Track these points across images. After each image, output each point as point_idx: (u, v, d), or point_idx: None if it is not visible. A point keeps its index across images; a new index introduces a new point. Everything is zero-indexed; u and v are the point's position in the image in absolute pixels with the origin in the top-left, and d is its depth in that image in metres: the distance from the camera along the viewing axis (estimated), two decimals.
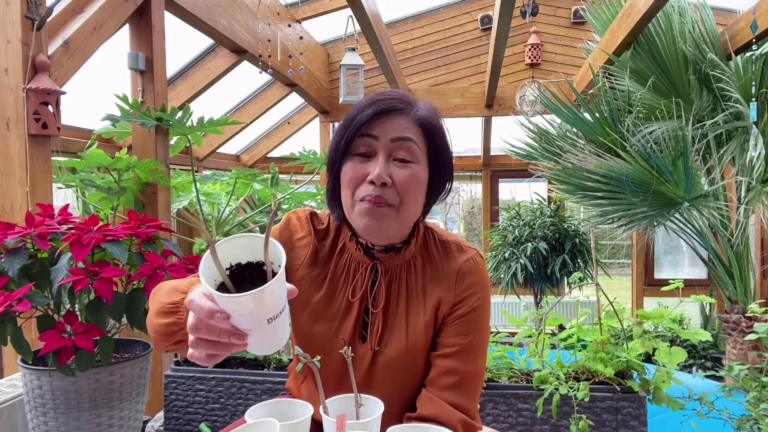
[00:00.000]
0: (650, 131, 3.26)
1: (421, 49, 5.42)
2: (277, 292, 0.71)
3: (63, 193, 2.84)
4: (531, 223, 4.57)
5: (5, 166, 1.84)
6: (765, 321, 2.48)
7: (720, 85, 3.25)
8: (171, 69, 3.62)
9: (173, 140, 2.66)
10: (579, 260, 4.44)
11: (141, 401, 1.67)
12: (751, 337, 2.08)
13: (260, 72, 3.25)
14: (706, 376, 3.57)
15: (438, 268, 1.06)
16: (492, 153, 6.23)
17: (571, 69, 5.12)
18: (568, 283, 4.39)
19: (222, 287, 0.74)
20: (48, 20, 1.91)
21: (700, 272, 5.50)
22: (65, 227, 1.52)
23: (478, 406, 1.53)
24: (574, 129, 3.74)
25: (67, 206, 1.64)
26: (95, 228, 1.49)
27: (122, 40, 2.55)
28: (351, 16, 3.60)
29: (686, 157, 3.05)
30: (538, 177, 3.92)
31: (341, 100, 3.97)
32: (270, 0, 3.62)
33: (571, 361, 2.10)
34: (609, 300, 2.15)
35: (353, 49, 3.91)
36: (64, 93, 1.92)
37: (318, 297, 1.06)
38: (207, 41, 3.58)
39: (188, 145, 2.61)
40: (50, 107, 1.85)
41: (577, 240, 4.40)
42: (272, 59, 3.55)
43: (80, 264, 1.45)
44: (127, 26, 2.47)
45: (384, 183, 0.95)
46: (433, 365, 1.03)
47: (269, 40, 3.59)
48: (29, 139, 1.82)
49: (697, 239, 3.46)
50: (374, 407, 0.91)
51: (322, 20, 4.58)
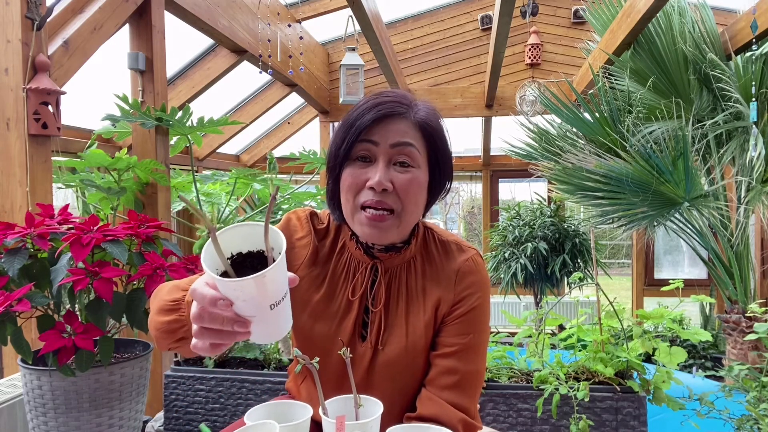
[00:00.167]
0: (650, 131, 3.26)
1: (421, 49, 5.42)
2: (279, 278, 0.72)
3: (63, 193, 2.84)
4: (531, 223, 4.57)
5: (5, 166, 1.84)
6: (765, 321, 2.48)
7: (720, 85, 3.25)
8: (171, 69, 3.62)
9: (173, 140, 2.66)
10: (579, 260, 4.44)
11: (141, 401, 1.67)
12: (751, 337, 2.08)
13: (260, 72, 3.25)
14: (706, 376, 3.57)
15: (438, 268, 1.06)
16: (492, 153, 6.23)
17: (571, 69, 5.12)
18: (568, 283, 4.39)
19: (224, 276, 0.74)
20: (48, 20, 1.91)
21: (700, 272, 5.50)
22: (65, 227, 1.52)
23: (478, 406, 1.52)
24: (574, 129, 3.74)
25: (67, 206, 1.64)
26: (95, 228, 1.49)
27: (122, 40, 2.55)
28: (351, 16, 3.59)
29: (686, 157, 3.05)
30: (538, 177, 3.92)
31: (341, 100, 3.97)
32: (270, 0, 3.62)
33: (571, 361, 2.10)
34: (609, 300, 2.15)
35: (353, 49, 3.91)
36: (64, 93, 1.92)
37: (318, 296, 1.06)
38: (207, 41, 3.58)
39: (188, 145, 2.61)
40: (50, 107, 1.85)
41: (577, 240, 4.40)
42: (272, 59, 3.55)
43: (80, 264, 1.45)
44: (127, 26, 2.47)
45: (384, 189, 0.95)
46: (433, 365, 1.03)
47: (269, 40, 3.59)
48: (29, 139, 1.82)
49: (697, 239, 3.46)
50: (373, 408, 0.90)
51: (322, 20, 4.58)
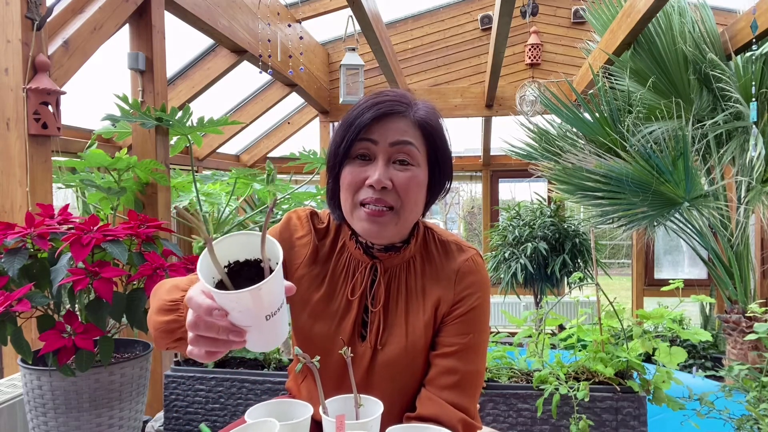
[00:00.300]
0: (650, 131, 3.26)
1: (421, 49, 5.42)
2: (275, 289, 0.72)
3: (63, 193, 2.84)
4: (531, 223, 4.56)
5: (5, 166, 1.84)
6: (765, 321, 2.48)
7: (720, 85, 3.25)
8: (171, 69, 3.62)
9: (173, 140, 2.66)
10: (579, 260, 4.44)
11: (141, 401, 1.67)
12: (751, 337, 2.08)
13: (260, 72, 3.25)
14: (706, 376, 3.57)
15: (437, 268, 1.06)
16: (492, 153, 6.23)
17: (571, 69, 5.12)
18: (568, 283, 4.39)
19: (220, 285, 0.74)
20: (48, 20, 1.91)
21: (700, 272, 5.50)
22: (65, 227, 1.52)
23: (478, 406, 1.52)
24: (574, 129, 3.74)
25: (67, 206, 1.64)
26: (95, 228, 1.49)
27: (122, 40, 2.55)
28: (351, 16, 3.59)
29: (686, 157, 3.05)
30: (538, 177, 3.91)
31: (341, 100, 3.97)
32: (270, 0, 3.62)
33: (571, 361, 2.10)
34: (609, 300, 2.15)
35: (353, 49, 3.91)
36: (64, 93, 1.91)
37: (318, 296, 1.06)
38: (207, 41, 3.58)
39: (188, 145, 2.61)
40: (50, 107, 1.85)
41: (577, 240, 4.39)
42: (272, 59, 3.55)
43: (80, 264, 1.45)
44: (127, 26, 2.47)
45: (384, 187, 0.95)
46: (433, 365, 1.03)
47: (269, 40, 3.59)
48: (29, 139, 1.82)
49: (697, 239, 3.46)
50: (374, 407, 0.90)
51: (322, 20, 4.58)
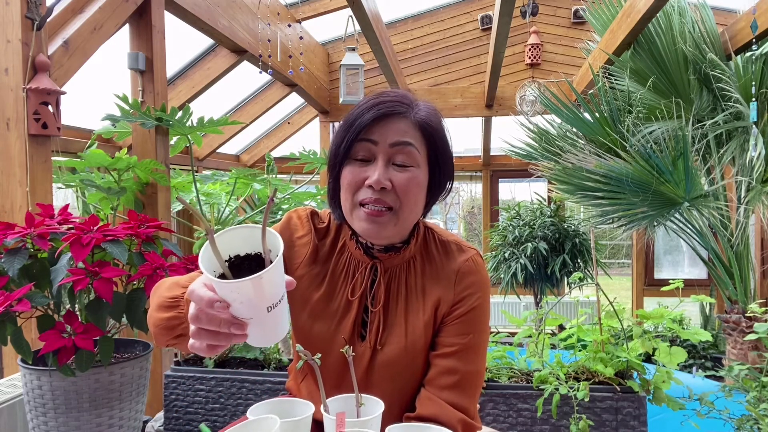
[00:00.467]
0: (650, 131, 3.26)
1: (421, 49, 5.42)
2: (276, 280, 0.72)
3: (63, 193, 2.84)
4: (531, 223, 4.56)
5: (5, 166, 1.84)
6: (765, 321, 2.48)
7: (720, 85, 3.25)
8: (171, 69, 3.62)
9: (173, 140, 2.66)
10: (579, 260, 4.44)
11: (141, 401, 1.67)
12: (751, 337, 2.08)
13: (260, 72, 3.25)
14: (706, 376, 3.57)
15: (438, 268, 1.06)
16: (492, 153, 6.23)
17: (571, 69, 5.12)
18: (568, 283, 4.39)
19: (221, 278, 0.74)
20: (48, 20, 1.91)
21: (700, 272, 5.50)
22: (65, 227, 1.52)
23: (478, 406, 1.52)
24: (574, 129, 3.74)
25: (67, 206, 1.64)
26: (95, 228, 1.49)
27: (122, 40, 2.55)
28: (351, 16, 3.59)
29: (686, 157, 3.05)
30: (538, 177, 3.91)
31: (341, 100, 3.97)
32: (270, 0, 3.62)
33: (571, 361, 2.10)
34: (609, 300, 2.16)
35: (353, 49, 3.91)
36: (64, 93, 1.91)
37: (318, 295, 1.06)
38: (207, 41, 3.58)
39: (188, 145, 2.61)
40: (50, 107, 1.85)
41: (577, 240, 4.39)
42: (272, 59, 3.55)
43: (80, 264, 1.45)
44: (127, 26, 2.47)
45: (383, 188, 0.96)
46: (433, 365, 1.03)
47: (269, 40, 3.59)
48: (29, 139, 1.82)
49: (697, 239, 3.46)
50: (375, 407, 0.91)
51: (322, 20, 4.58)
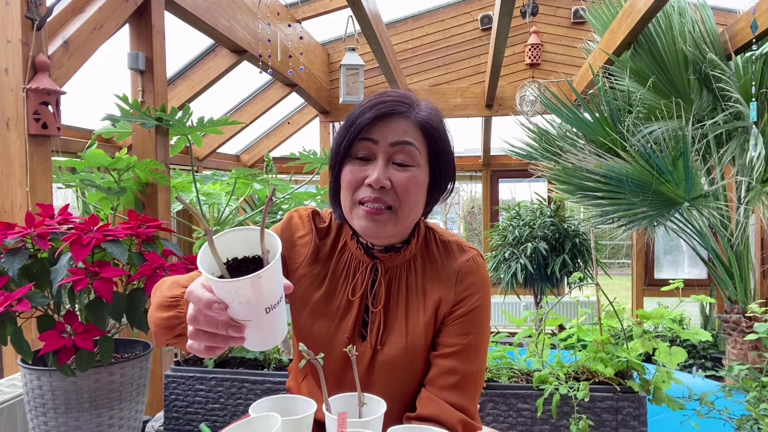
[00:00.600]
0: (650, 131, 3.26)
1: (421, 49, 5.42)
2: (274, 280, 0.72)
3: (63, 193, 2.84)
4: (531, 223, 4.56)
5: (5, 166, 1.84)
6: (765, 321, 2.48)
7: (720, 85, 3.25)
8: (171, 69, 3.62)
9: (173, 140, 2.66)
10: (579, 260, 4.44)
11: (141, 401, 1.67)
12: (751, 337, 2.08)
13: (260, 72, 3.25)
14: (706, 376, 3.56)
15: (438, 268, 1.06)
16: (492, 153, 6.23)
17: (571, 69, 5.12)
18: (568, 283, 4.39)
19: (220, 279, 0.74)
20: (48, 20, 1.90)
21: (700, 272, 5.50)
22: (65, 227, 1.52)
23: (478, 406, 1.52)
24: (574, 129, 3.74)
25: (67, 206, 1.64)
26: (95, 228, 1.49)
27: (122, 40, 2.55)
28: (351, 16, 3.59)
29: (686, 157, 3.05)
30: (538, 177, 3.91)
31: (341, 100, 3.97)
32: (270, 0, 3.62)
33: (571, 361, 2.10)
34: (609, 300, 2.16)
35: (353, 49, 3.91)
36: (64, 93, 1.91)
37: (318, 295, 1.06)
38: (207, 41, 3.58)
39: (188, 145, 2.61)
40: (50, 107, 1.85)
41: (577, 240, 4.39)
42: (272, 59, 3.55)
43: (80, 264, 1.45)
44: (127, 26, 2.47)
45: (382, 187, 0.96)
46: (433, 365, 1.03)
47: (269, 40, 3.59)
48: (29, 139, 1.82)
49: (697, 239, 3.46)
50: (377, 406, 0.91)
51: (322, 20, 4.58)
